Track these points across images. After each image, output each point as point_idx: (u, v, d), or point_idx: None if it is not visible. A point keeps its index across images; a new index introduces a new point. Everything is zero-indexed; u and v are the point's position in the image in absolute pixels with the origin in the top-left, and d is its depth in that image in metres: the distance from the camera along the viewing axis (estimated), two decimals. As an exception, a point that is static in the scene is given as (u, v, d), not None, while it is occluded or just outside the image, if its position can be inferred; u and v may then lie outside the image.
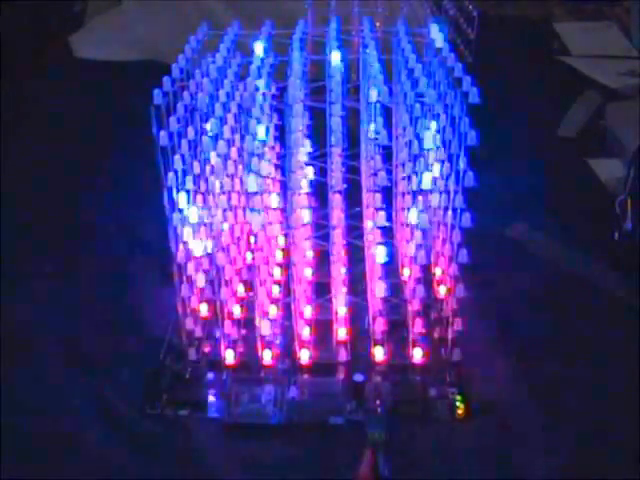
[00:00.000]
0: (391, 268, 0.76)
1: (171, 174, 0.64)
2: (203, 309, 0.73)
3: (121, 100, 1.11)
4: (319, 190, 0.77)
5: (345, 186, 0.70)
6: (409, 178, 0.69)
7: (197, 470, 0.62)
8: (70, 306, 0.78)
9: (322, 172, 0.74)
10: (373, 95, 0.67)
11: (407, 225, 0.70)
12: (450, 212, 0.67)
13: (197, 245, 0.69)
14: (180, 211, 0.67)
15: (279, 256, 0.80)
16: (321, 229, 0.74)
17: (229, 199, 0.70)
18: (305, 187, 0.76)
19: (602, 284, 0.81)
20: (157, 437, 0.64)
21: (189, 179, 0.67)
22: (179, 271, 0.68)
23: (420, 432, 0.64)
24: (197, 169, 0.68)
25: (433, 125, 0.68)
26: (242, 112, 0.67)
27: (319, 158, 0.76)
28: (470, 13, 1.13)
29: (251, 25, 0.79)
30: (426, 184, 0.66)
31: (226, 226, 0.71)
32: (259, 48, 0.73)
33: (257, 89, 0.67)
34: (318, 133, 0.75)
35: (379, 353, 0.70)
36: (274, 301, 0.74)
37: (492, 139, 0.67)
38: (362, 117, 0.79)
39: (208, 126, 0.66)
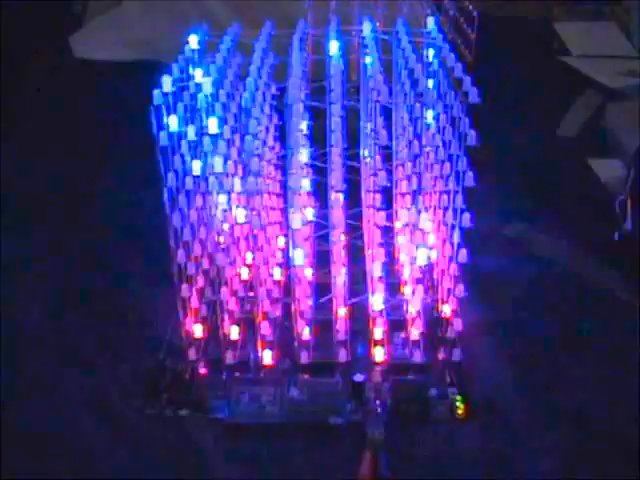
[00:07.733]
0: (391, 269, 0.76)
1: (171, 174, 0.64)
2: (202, 311, 0.73)
3: (121, 100, 1.11)
4: (319, 190, 0.77)
5: (345, 186, 0.70)
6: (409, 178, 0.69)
7: (197, 470, 0.62)
8: (70, 306, 0.78)
9: (322, 172, 0.74)
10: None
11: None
12: (450, 212, 0.67)
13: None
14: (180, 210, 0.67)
15: (279, 256, 0.80)
16: (321, 229, 0.74)
17: (229, 199, 0.70)
18: (305, 187, 0.76)
19: (602, 284, 0.81)
20: (157, 437, 0.64)
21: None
22: (179, 271, 0.68)
23: (420, 432, 0.64)
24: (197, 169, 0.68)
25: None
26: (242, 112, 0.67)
27: (319, 158, 0.76)
28: (470, 13, 1.13)
29: (251, 25, 0.79)
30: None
31: (226, 226, 0.71)
32: (259, 51, 0.73)
33: (257, 89, 0.67)
34: (318, 133, 0.75)
35: (379, 353, 0.70)
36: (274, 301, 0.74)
37: (492, 139, 0.67)
38: (362, 117, 0.79)
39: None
